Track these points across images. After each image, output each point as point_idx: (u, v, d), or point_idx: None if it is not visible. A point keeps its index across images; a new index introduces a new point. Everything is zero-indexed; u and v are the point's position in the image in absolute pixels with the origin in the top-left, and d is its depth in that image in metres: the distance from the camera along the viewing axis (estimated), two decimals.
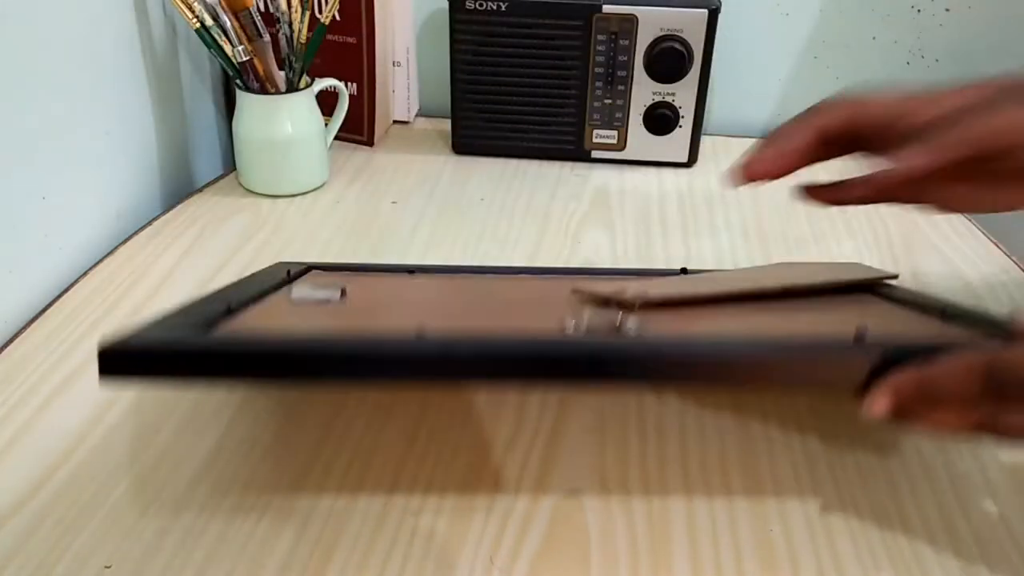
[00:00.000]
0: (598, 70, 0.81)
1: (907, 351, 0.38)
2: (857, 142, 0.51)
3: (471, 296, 0.52)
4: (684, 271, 0.60)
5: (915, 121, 0.46)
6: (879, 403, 0.38)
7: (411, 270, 0.58)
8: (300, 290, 0.49)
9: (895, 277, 0.57)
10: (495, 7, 0.79)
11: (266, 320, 0.43)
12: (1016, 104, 0.44)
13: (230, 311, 0.43)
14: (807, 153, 0.52)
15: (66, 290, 0.62)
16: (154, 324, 0.39)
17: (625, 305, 0.47)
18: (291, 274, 0.54)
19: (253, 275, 0.55)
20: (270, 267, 0.58)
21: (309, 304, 0.47)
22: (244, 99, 0.74)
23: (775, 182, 0.53)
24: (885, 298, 0.53)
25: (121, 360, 0.35)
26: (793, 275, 0.55)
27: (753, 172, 0.51)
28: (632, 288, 0.49)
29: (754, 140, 0.95)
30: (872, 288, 0.55)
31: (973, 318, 0.46)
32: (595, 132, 0.84)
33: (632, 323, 0.42)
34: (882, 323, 0.46)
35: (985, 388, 0.37)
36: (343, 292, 0.49)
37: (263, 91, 0.74)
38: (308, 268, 0.58)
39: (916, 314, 0.48)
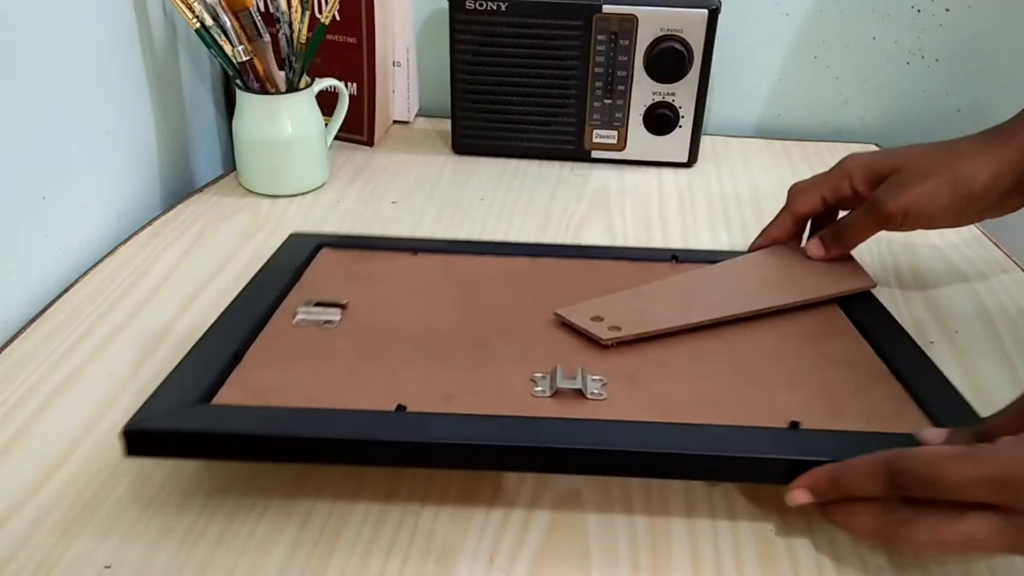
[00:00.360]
0: (598, 70, 0.81)
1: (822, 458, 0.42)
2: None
3: (462, 315, 0.55)
4: (675, 259, 0.63)
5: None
6: (798, 494, 0.42)
7: (415, 249, 0.63)
8: (304, 312, 0.54)
9: (873, 287, 0.59)
10: (495, 7, 0.79)
11: (265, 371, 0.48)
12: None
13: (236, 357, 0.49)
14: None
15: (66, 290, 0.62)
16: (169, 387, 0.45)
17: (599, 342, 0.51)
18: (298, 268, 0.59)
19: (266, 266, 0.59)
20: (285, 243, 0.63)
21: (311, 327, 0.52)
22: (244, 99, 0.74)
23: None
24: (853, 319, 0.56)
25: (135, 440, 0.43)
26: (770, 286, 0.58)
27: None
28: (608, 319, 0.53)
29: (754, 140, 0.95)
30: (847, 300, 0.58)
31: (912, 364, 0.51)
32: (595, 132, 0.84)
33: (595, 386, 0.47)
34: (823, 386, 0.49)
35: (889, 484, 0.39)
36: (344, 308, 0.54)
37: (263, 91, 0.74)
38: (319, 246, 0.62)
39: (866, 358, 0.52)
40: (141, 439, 0.43)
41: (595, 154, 0.85)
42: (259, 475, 0.47)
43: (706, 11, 0.78)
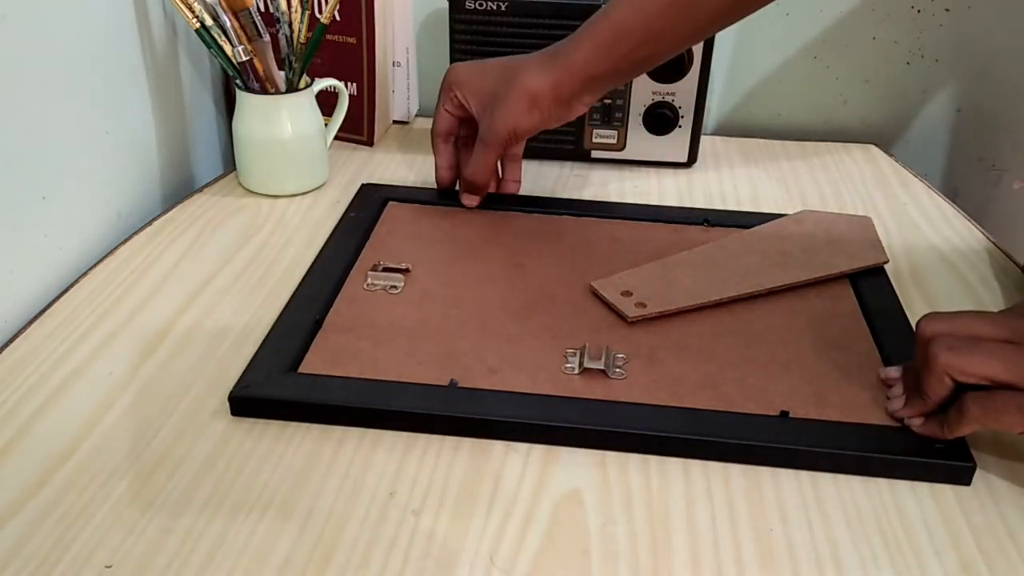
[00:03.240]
0: None
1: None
2: None
3: (509, 283, 0.62)
4: (707, 222, 0.71)
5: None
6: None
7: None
8: (373, 276, 0.62)
9: (886, 262, 0.65)
10: (495, 7, 0.79)
11: (341, 336, 0.56)
12: None
13: (318, 324, 0.57)
14: None
15: (66, 290, 0.62)
16: (265, 353, 0.54)
17: (625, 317, 0.58)
18: (368, 227, 0.69)
19: (341, 221, 0.70)
20: (357, 196, 0.74)
21: (379, 291, 0.61)
22: (244, 99, 0.74)
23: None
24: (859, 297, 0.62)
25: (238, 404, 0.51)
26: (787, 261, 0.65)
27: None
28: (636, 295, 0.60)
29: (754, 140, 0.96)
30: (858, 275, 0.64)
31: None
32: (595, 132, 0.84)
33: (617, 363, 0.54)
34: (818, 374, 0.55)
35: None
36: (407, 272, 0.63)
37: (263, 91, 0.74)
38: (386, 200, 0.73)
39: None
40: (242, 403, 0.51)
41: (595, 154, 0.85)
42: (259, 474, 0.47)
43: None
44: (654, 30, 0.62)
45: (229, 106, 0.88)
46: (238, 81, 0.74)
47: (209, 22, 0.70)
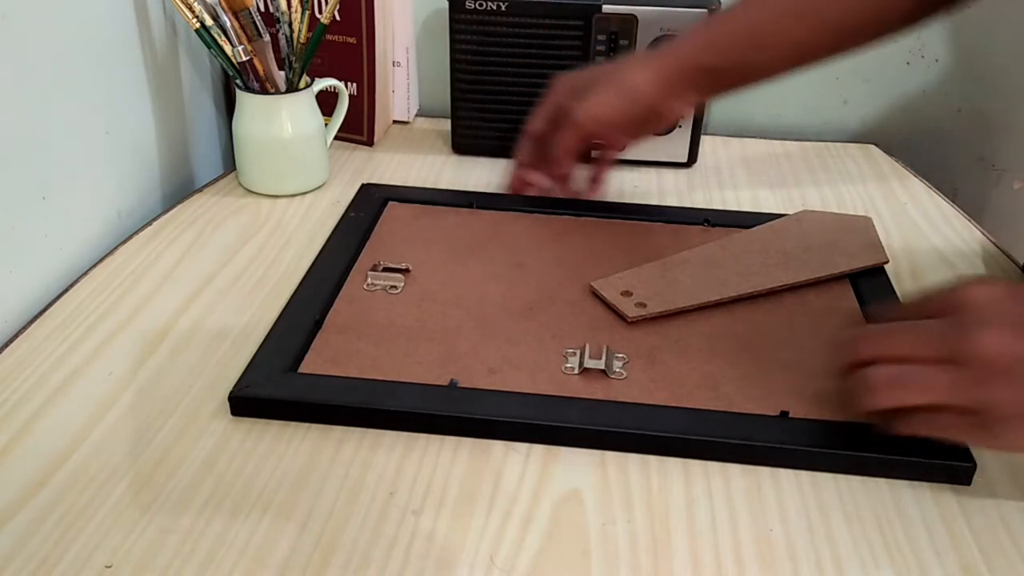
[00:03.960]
0: None
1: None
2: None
3: (509, 282, 0.62)
4: (707, 222, 0.71)
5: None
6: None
7: (471, 203, 0.73)
8: (373, 276, 0.62)
9: (886, 262, 0.65)
10: (495, 7, 0.79)
11: (341, 336, 0.56)
12: None
13: (317, 324, 0.57)
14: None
15: (66, 290, 0.62)
16: (265, 353, 0.54)
17: (625, 317, 0.58)
18: (368, 227, 0.69)
19: (341, 222, 0.70)
20: (357, 196, 0.74)
21: (379, 291, 0.61)
22: (244, 99, 0.74)
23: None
24: (859, 296, 0.62)
25: (238, 404, 0.51)
26: (787, 261, 0.64)
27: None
28: (636, 295, 0.60)
29: (754, 140, 0.95)
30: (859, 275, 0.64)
31: None
32: None
33: (617, 364, 0.54)
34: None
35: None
36: (407, 272, 0.63)
37: (263, 91, 0.74)
38: (387, 199, 0.73)
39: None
40: (242, 403, 0.50)
41: (595, 154, 0.85)
42: (259, 474, 0.47)
43: (706, 11, 0.77)
44: (764, 35, 0.62)
45: (229, 106, 0.88)
46: (238, 81, 0.74)
47: (209, 22, 0.70)
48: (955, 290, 0.44)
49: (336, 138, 0.82)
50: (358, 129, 0.87)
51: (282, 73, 0.75)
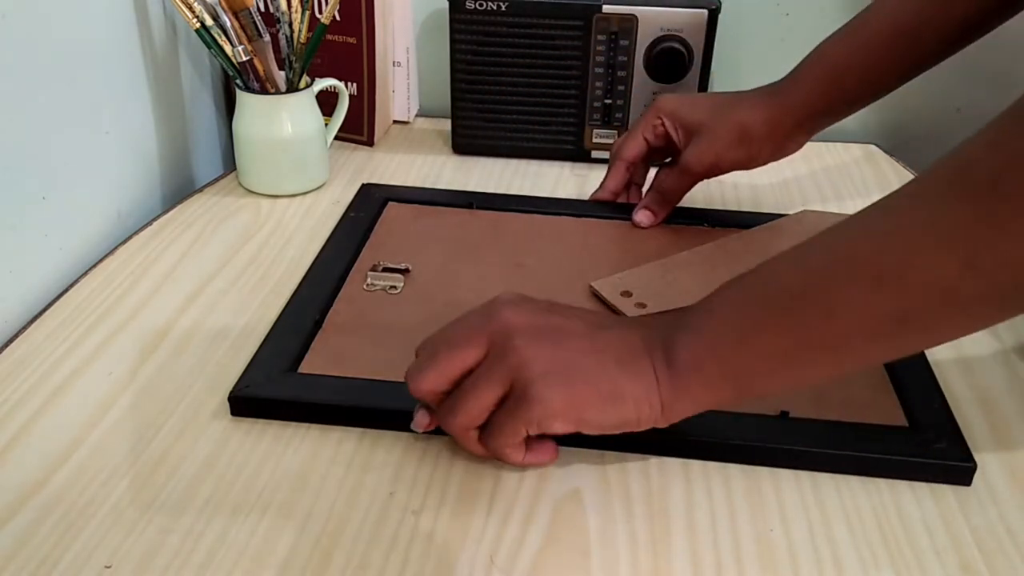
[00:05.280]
0: (598, 70, 0.81)
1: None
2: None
3: (509, 283, 0.62)
4: (707, 222, 0.71)
5: None
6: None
7: (471, 204, 0.73)
8: (372, 277, 0.62)
9: None
10: (495, 7, 0.79)
11: (341, 337, 0.56)
12: None
13: (317, 324, 0.57)
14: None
15: (66, 290, 0.62)
16: (264, 353, 0.54)
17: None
18: (368, 227, 0.69)
19: (341, 222, 0.69)
20: (357, 196, 0.74)
21: (379, 291, 0.61)
22: (244, 99, 0.74)
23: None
24: None
25: (237, 404, 0.51)
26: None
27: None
28: (636, 295, 0.60)
29: None
30: None
31: None
32: (595, 132, 0.84)
33: None
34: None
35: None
36: (406, 273, 0.63)
37: (263, 91, 0.74)
38: (386, 200, 0.73)
39: None
40: (242, 403, 0.50)
41: (595, 154, 0.85)
42: (259, 474, 0.47)
43: (706, 11, 0.78)
44: (876, 66, 0.62)
45: (229, 106, 0.88)
46: (238, 81, 0.74)
47: (209, 22, 0.70)
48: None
49: (336, 138, 0.82)
50: (358, 129, 0.87)
51: (282, 73, 0.75)
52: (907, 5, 0.60)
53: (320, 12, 0.77)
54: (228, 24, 0.71)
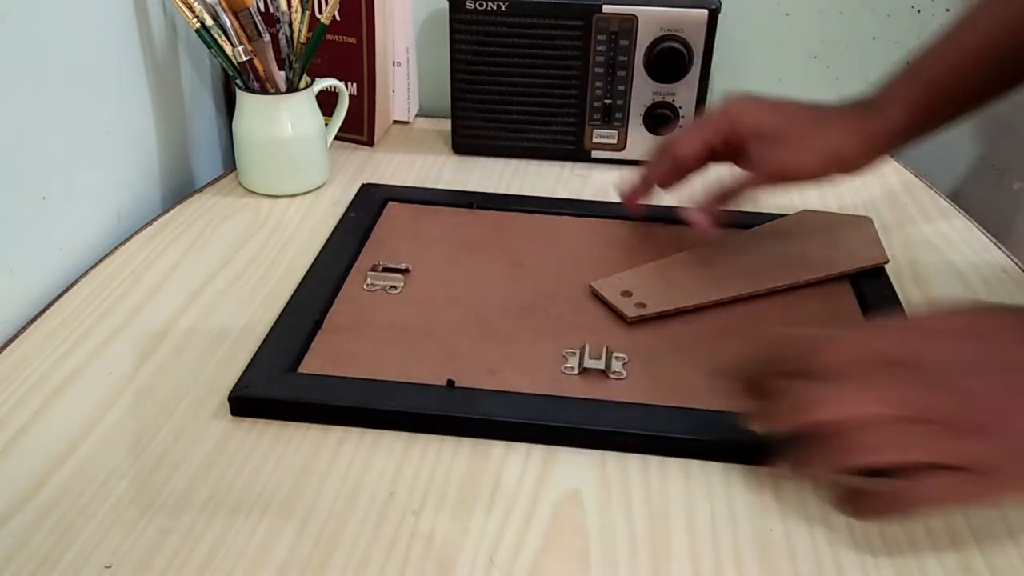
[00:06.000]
0: (598, 70, 0.81)
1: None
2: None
3: (509, 282, 0.62)
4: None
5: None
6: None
7: (472, 203, 0.73)
8: (372, 277, 0.62)
9: (886, 262, 0.65)
10: (495, 7, 0.79)
11: (341, 336, 0.56)
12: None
13: (317, 324, 0.57)
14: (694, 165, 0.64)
15: (66, 290, 0.62)
16: (264, 353, 0.54)
17: (625, 317, 0.58)
18: (368, 227, 0.69)
19: (341, 222, 0.69)
20: (357, 196, 0.74)
21: (379, 291, 0.61)
22: (244, 99, 0.74)
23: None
24: (859, 296, 0.62)
25: (237, 404, 0.51)
26: (787, 262, 0.64)
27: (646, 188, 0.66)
28: (636, 295, 0.60)
29: None
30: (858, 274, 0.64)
31: None
32: (595, 132, 0.84)
33: (617, 365, 0.54)
34: None
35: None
36: (407, 272, 0.63)
37: (263, 91, 0.74)
38: (387, 200, 0.73)
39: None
40: (242, 403, 0.50)
41: (595, 154, 0.85)
42: (259, 474, 0.47)
43: (706, 11, 0.78)
44: (973, 84, 0.59)
45: (229, 106, 0.88)
46: (238, 81, 0.74)
47: (209, 22, 0.70)
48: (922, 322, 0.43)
49: (336, 138, 0.82)
50: (358, 129, 0.87)
51: (282, 73, 0.75)
52: (1003, 20, 0.58)
53: (320, 12, 0.77)
54: (228, 24, 0.71)
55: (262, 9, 0.77)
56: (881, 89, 0.61)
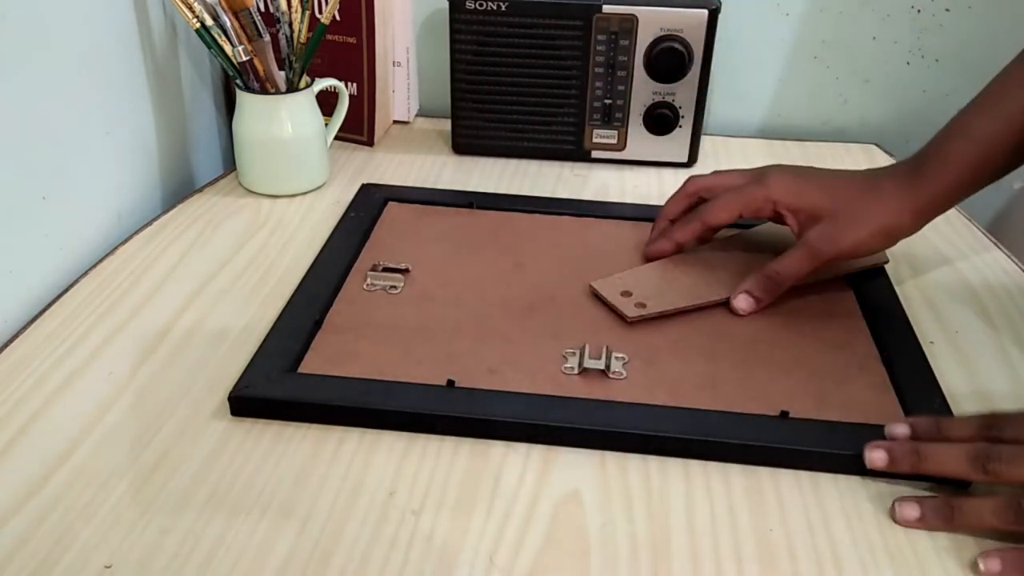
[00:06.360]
0: (598, 70, 0.81)
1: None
2: None
3: (509, 282, 0.62)
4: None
5: None
6: (876, 457, 0.47)
7: (472, 203, 0.73)
8: (372, 277, 0.62)
9: (886, 263, 0.65)
10: (495, 7, 0.79)
11: (341, 336, 0.56)
12: None
13: (317, 324, 0.57)
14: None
15: (66, 290, 0.62)
16: (264, 354, 0.54)
17: (625, 318, 0.58)
18: (368, 227, 0.69)
19: (341, 222, 0.70)
20: (357, 196, 0.74)
21: (379, 291, 0.61)
22: (244, 99, 0.74)
23: None
24: (859, 296, 0.62)
25: (237, 404, 0.50)
26: None
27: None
28: (636, 295, 0.60)
29: (754, 140, 0.95)
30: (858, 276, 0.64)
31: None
32: (595, 132, 0.84)
33: (617, 365, 0.54)
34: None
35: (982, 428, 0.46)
36: (406, 273, 0.63)
37: (263, 91, 0.74)
38: (387, 200, 0.73)
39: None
40: (242, 403, 0.50)
41: (595, 154, 0.85)
42: (259, 474, 0.47)
43: (706, 11, 0.78)
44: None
45: (229, 106, 0.88)
46: (238, 81, 0.74)
47: (209, 22, 0.70)
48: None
49: (336, 138, 0.82)
50: (358, 129, 0.87)
51: (282, 73, 0.75)
52: None
53: (320, 12, 0.77)
54: (228, 24, 0.71)
55: (262, 9, 0.77)
56: (930, 148, 0.59)
